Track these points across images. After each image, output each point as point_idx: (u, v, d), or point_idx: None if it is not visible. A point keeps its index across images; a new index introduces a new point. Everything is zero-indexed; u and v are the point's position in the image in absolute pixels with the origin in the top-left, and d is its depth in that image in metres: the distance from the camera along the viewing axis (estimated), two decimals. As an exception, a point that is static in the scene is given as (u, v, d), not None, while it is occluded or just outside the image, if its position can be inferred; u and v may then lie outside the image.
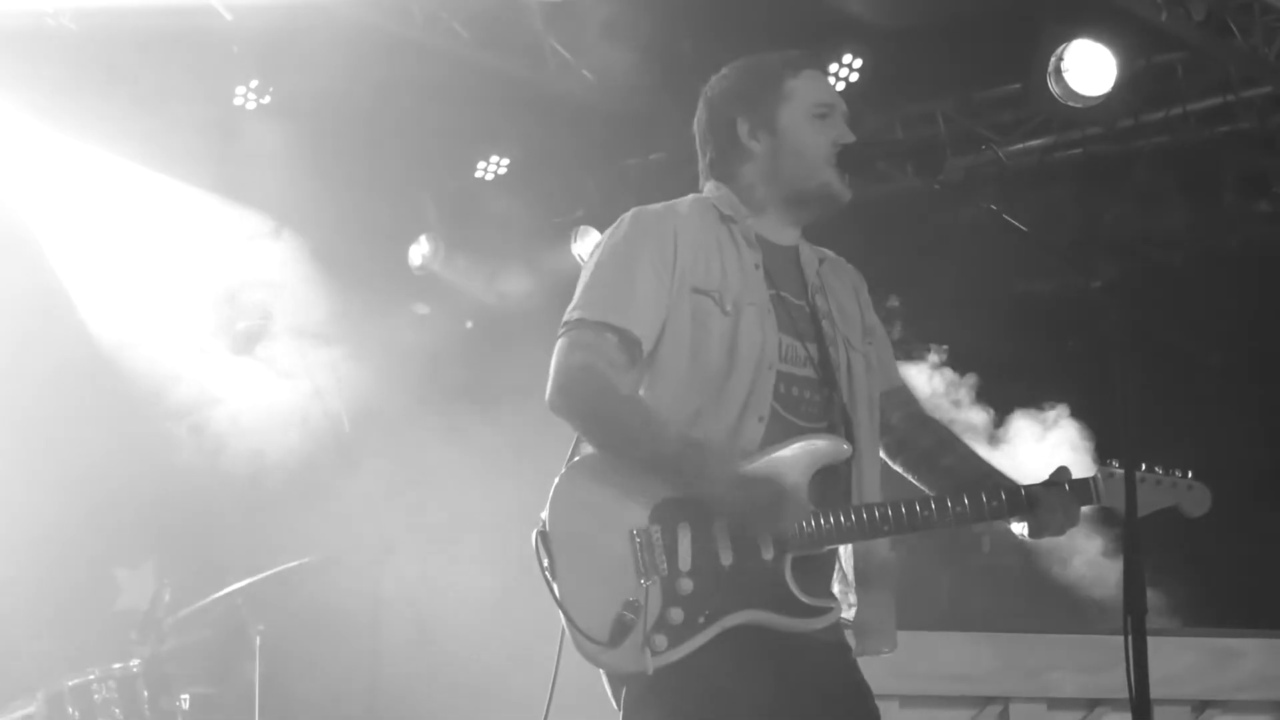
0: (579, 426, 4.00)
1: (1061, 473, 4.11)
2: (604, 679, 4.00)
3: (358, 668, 7.77)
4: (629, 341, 3.99)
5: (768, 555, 3.89)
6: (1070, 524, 4.08)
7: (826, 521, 3.94)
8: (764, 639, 3.89)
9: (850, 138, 4.21)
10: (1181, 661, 6.15)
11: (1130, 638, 3.61)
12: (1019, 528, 4.14)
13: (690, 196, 4.29)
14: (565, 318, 4.04)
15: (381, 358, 9.20)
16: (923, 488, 4.32)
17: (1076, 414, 7.53)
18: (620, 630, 3.82)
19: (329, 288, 9.09)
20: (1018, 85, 8.96)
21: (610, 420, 3.94)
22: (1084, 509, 4.13)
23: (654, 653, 3.81)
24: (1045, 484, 4.08)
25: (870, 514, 3.98)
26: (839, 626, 4.12)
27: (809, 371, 4.12)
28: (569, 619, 3.85)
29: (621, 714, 3.96)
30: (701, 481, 3.86)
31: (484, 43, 9.06)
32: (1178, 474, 4.16)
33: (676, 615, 3.84)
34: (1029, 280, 9.80)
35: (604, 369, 3.94)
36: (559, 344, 4.01)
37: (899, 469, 4.40)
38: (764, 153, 4.22)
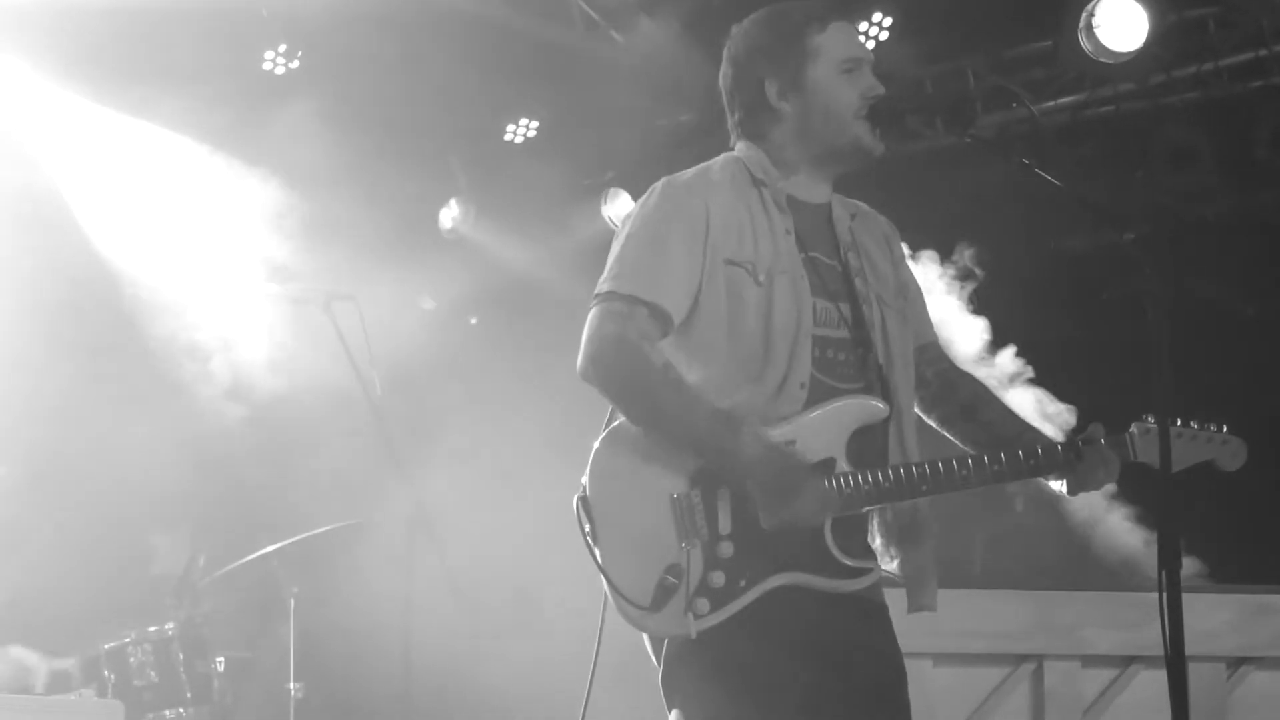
0: (610, 397, 4.00)
1: (1095, 429, 4.11)
2: (645, 638, 4.01)
3: (392, 630, 7.79)
4: (660, 315, 3.99)
5: None
6: (1109, 479, 4.08)
7: (865, 481, 3.94)
8: (805, 601, 3.91)
9: (879, 89, 4.18)
10: (1217, 618, 6.14)
11: (1165, 594, 3.60)
12: (1057, 484, 4.14)
13: (722, 157, 4.27)
14: (597, 289, 4.04)
15: (414, 322, 9.21)
16: (958, 443, 4.31)
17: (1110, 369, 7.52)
18: (663, 594, 3.84)
19: (359, 252, 9.09)
20: (1049, 42, 8.91)
21: (642, 392, 3.94)
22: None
23: (696, 616, 3.83)
24: (1083, 440, 4.07)
25: (908, 473, 3.98)
26: (879, 587, 4.13)
27: (843, 332, 4.12)
28: (611, 584, 3.87)
29: (661, 671, 3.98)
30: (733, 450, 3.85)
31: (512, 4, 9.04)
32: (1213, 428, 4.16)
33: (718, 578, 3.85)
34: (1062, 236, 9.77)
35: (636, 340, 3.94)
36: (591, 314, 4.01)
37: (934, 424, 4.39)
38: (794, 113, 4.20)
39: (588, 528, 3.91)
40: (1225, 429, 4.17)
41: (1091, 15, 8.26)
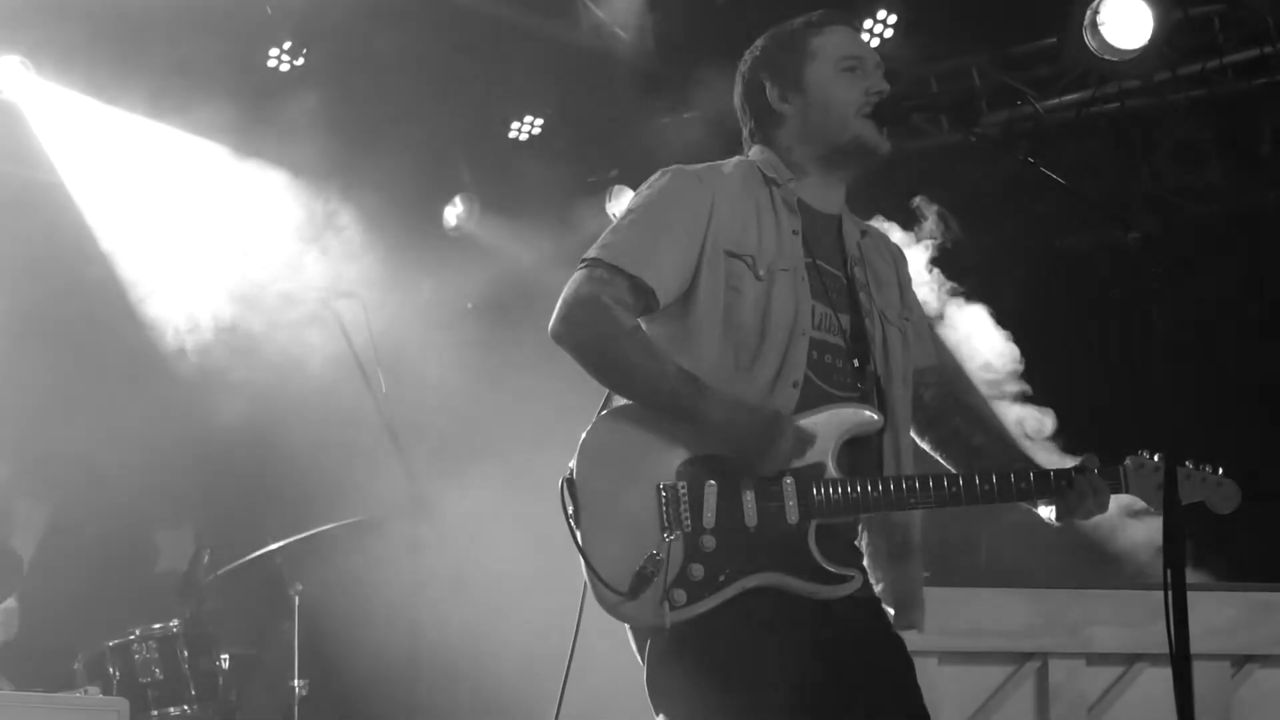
0: (579, 355, 4.00)
1: (1090, 459, 4.11)
2: (629, 634, 4.03)
3: (397, 627, 7.80)
4: (641, 290, 4.01)
5: (792, 519, 3.90)
6: (1099, 510, 4.10)
7: (852, 489, 3.95)
8: (784, 602, 3.91)
9: (883, 86, 4.21)
10: (1222, 616, 6.15)
11: (1170, 592, 3.60)
12: (1046, 510, 4.15)
13: (735, 158, 4.31)
14: (584, 255, 4.08)
15: (418, 319, 9.21)
16: (949, 466, 4.32)
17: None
18: (640, 582, 3.85)
19: (364, 249, 9.10)
20: (1054, 39, 8.90)
21: (610, 351, 3.96)
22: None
23: (672, 607, 3.84)
24: (1075, 469, 4.08)
25: (897, 485, 3.99)
26: (869, 586, 4.13)
27: (841, 341, 4.14)
28: (590, 568, 3.89)
29: (645, 672, 3.99)
30: (698, 409, 3.88)
31: (517, 1, 9.04)
32: (1208, 469, 4.15)
33: (697, 571, 3.86)
34: (1065, 234, 9.75)
35: (609, 303, 3.96)
36: (571, 278, 4.05)
37: (927, 447, 4.42)
38: (795, 113, 4.25)
39: (571, 510, 3.93)
40: (1221, 471, 4.16)
41: (1096, 12, 8.25)
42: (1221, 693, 6.17)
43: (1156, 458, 4.03)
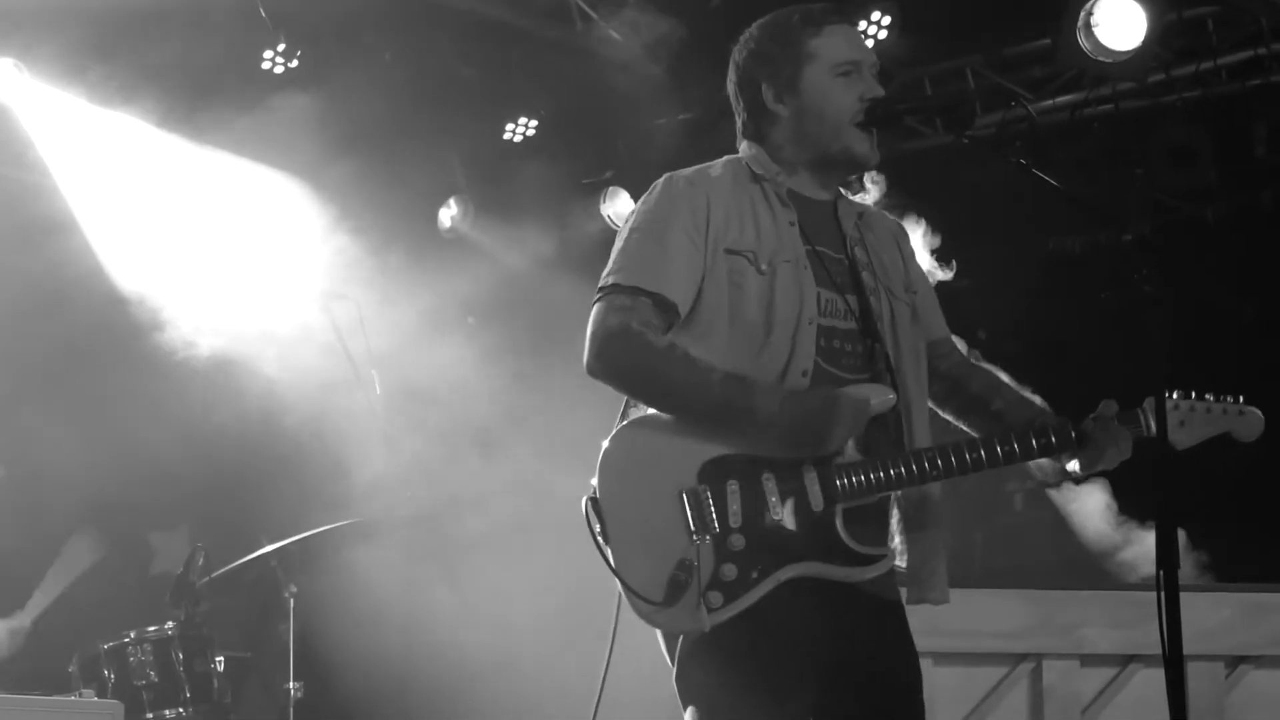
0: (622, 386, 4.02)
1: (1108, 406, 4.08)
2: (659, 634, 4.04)
3: (391, 629, 7.80)
4: (664, 305, 4.02)
5: (817, 507, 3.91)
6: (1122, 456, 4.06)
7: (875, 470, 3.96)
8: (819, 592, 3.92)
9: (878, 92, 4.20)
10: (1216, 617, 6.15)
11: (1163, 593, 3.60)
12: (1071, 465, 4.13)
13: (724, 158, 4.31)
14: (600, 283, 4.07)
15: (412, 321, 9.21)
16: (972, 433, 4.30)
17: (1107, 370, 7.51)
18: (675, 590, 3.86)
19: (358, 250, 9.09)
20: (1048, 40, 8.91)
21: (651, 374, 3.96)
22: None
23: (709, 610, 3.85)
24: (1094, 418, 4.06)
25: (919, 460, 3.99)
26: (894, 583, 4.15)
27: (850, 324, 4.14)
28: (623, 582, 3.89)
29: (674, 670, 4.00)
30: (752, 407, 3.88)
31: (512, 2, 9.04)
32: (1229, 399, 4.13)
33: (730, 571, 3.87)
34: (1060, 236, 9.76)
35: (639, 327, 3.97)
36: (594, 309, 4.04)
37: (949, 416, 4.41)
38: (789, 115, 4.23)
39: (598, 528, 3.93)
40: (1241, 400, 4.15)
41: (1090, 14, 8.26)
42: (1215, 694, 6.16)
43: (1175, 394, 4.03)
